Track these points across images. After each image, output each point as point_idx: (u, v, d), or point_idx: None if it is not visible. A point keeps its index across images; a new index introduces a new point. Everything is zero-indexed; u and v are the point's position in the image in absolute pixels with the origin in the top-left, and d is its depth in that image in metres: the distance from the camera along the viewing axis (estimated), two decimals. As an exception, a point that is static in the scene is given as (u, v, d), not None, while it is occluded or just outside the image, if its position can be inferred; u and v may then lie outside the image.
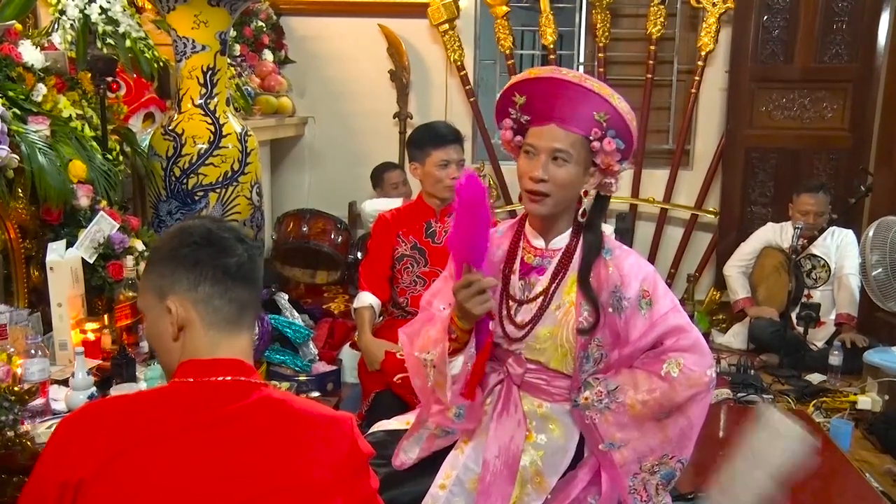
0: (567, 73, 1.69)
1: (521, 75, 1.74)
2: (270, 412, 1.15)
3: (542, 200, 1.71)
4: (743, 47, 4.37)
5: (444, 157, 2.73)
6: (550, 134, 1.68)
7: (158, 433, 1.08)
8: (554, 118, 1.68)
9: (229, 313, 1.18)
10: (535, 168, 1.68)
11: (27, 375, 1.91)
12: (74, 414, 1.16)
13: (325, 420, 1.19)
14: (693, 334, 1.74)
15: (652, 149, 4.70)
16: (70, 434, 1.09)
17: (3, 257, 2.26)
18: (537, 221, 1.79)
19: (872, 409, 3.11)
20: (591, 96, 1.66)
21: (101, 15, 2.85)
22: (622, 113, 1.68)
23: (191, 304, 1.17)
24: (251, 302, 1.21)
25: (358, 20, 4.64)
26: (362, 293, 2.86)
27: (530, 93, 1.70)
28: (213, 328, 1.17)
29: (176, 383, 1.17)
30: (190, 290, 1.17)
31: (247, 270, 1.19)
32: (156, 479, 1.06)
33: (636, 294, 1.72)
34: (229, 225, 1.26)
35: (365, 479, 1.22)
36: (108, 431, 1.08)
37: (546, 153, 1.68)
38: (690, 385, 1.69)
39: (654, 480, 1.72)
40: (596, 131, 1.68)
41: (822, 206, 3.92)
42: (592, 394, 1.72)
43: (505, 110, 1.76)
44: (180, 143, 2.81)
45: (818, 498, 2.33)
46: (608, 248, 1.77)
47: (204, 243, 1.18)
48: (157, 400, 1.16)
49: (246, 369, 1.18)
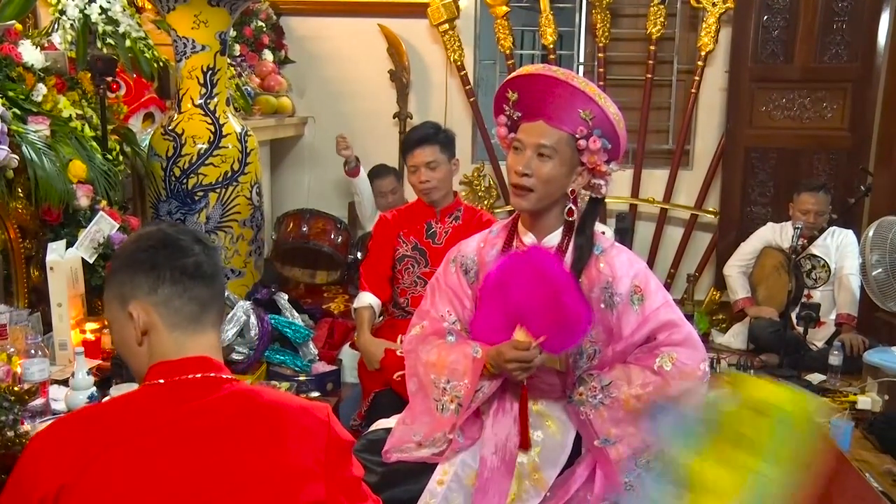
0: (556, 71, 1.72)
1: (516, 72, 1.78)
2: (241, 405, 1.17)
3: (526, 195, 1.74)
4: (743, 47, 4.37)
5: (412, 163, 2.74)
6: (537, 130, 1.73)
7: (131, 434, 1.10)
8: (542, 115, 1.72)
9: (190, 312, 1.19)
10: (519, 162, 1.73)
11: (27, 375, 1.91)
12: (45, 428, 1.17)
13: (297, 410, 1.20)
14: (685, 328, 1.76)
15: (652, 149, 4.70)
16: (43, 446, 1.10)
17: (3, 257, 2.26)
18: (527, 218, 1.82)
19: (872, 409, 3.11)
20: (578, 94, 1.69)
21: (101, 15, 2.85)
22: (608, 113, 1.70)
23: (152, 307, 1.18)
24: (212, 299, 1.22)
25: (358, 20, 4.63)
26: (362, 293, 2.86)
27: (522, 90, 1.74)
28: (177, 329, 1.19)
29: (146, 386, 1.19)
30: (150, 293, 1.18)
31: (205, 269, 1.21)
32: (132, 479, 1.07)
33: (628, 290, 1.75)
34: (186, 227, 1.28)
35: (346, 466, 1.23)
36: (81, 438, 1.10)
37: (531, 148, 1.72)
38: (684, 379, 1.71)
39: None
40: (582, 129, 1.71)
41: (822, 205, 3.91)
42: (587, 389, 1.75)
43: (500, 107, 1.80)
44: (180, 143, 2.81)
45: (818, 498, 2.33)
46: (599, 246, 1.79)
47: (160, 246, 1.20)
48: (129, 403, 1.17)
49: (214, 366, 1.20)
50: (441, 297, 1.87)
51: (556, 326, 1.63)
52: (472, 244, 1.90)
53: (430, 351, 1.81)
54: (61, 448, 1.09)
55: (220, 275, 1.25)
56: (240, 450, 1.13)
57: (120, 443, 1.09)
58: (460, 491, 1.74)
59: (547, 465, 1.75)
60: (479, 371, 1.71)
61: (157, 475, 1.08)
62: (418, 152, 2.71)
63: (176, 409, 1.14)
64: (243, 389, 1.19)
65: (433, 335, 1.84)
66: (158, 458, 1.09)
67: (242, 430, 1.14)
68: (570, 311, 1.61)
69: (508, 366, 1.66)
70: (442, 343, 1.81)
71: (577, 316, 1.62)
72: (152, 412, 1.13)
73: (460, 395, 1.73)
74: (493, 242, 1.86)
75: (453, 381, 1.74)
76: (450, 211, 2.83)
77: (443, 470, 1.76)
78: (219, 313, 1.25)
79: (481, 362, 1.71)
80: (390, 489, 1.73)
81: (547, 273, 1.64)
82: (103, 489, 1.06)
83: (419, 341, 1.85)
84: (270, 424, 1.16)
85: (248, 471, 1.12)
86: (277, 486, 1.13)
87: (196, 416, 1.14)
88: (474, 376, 1.71)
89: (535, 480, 1.74)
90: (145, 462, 1.08)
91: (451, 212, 2.82)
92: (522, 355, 1.64)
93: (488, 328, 1.73)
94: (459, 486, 1.74)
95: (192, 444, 1.11)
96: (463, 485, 1.74)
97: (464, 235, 2.37)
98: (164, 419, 1.12)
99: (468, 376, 1.72)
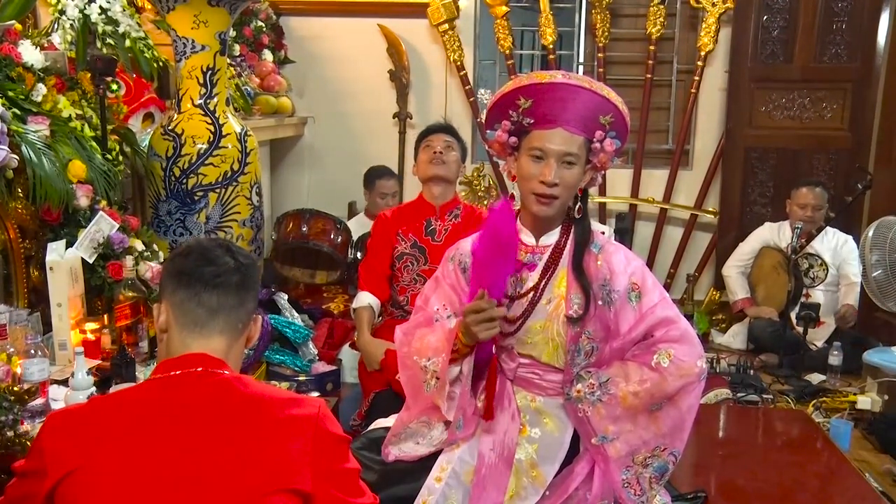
0: (579, 79, 1.72)
1: (527, 79, 1.74)
2: (223, 395, 1.23)
3: (552, 203, 1.75)
4: (743, 47, 4.38)
5: (429, 142, 2.85)
6: (560, 138, 1.71)
7: (126, 426, 1.18)
8: (560, 122, 1.71)
9: (197, 316, 1.28)
10: (547, 172, 1.71)
11: (27, 375, 1.91)
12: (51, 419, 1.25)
13: (281, 401, 1.25)
14: (682, 325, 1.77)
15: (651, 149, 4.70)
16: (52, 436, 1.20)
17: (3, 257, 2.26)
18: (532, 220, 1.82)
19: (872, 409, 3.11)
20: (600, 101, 1.71)
21: (100, 15, 2.85)
22: (624, 115, 1.74)
23: (169, 307, 1.30)
24: (223, 308, 1.29)
25: (358, 20, 4.63)
26: (361, 293, 2.87)
27: (538, 97, 1.71)
28: (185, 329, 1.28)
29: (146, 381, 1.29)
30: (171, 294, 1.30)
31: (223, 280, 1.29)
32: (122, 470, 1.15)
33: (625, 287, 1.76)
34: (225, 241, 1.38)
35: (338, 460, 1.26)
36: (83, 429, 1.19)
37: (556, 157, 1.71)
38: (681, 375, 1.72)
39: (647, 473, 1.74)
40: (600, 133, 1.73)
41: (820, 199, 3.92)
42: (584, 386, 1.75)
43: (505, 112, 1.76)
44: (180, 143, 2.81)
45: (818, 498, 2.33)
46: (597, 243, 1.81)
47: (191, 253, 1.31)
48: (127, 397, 1.28)
49: (211, 362, 1.26)
50: (439, 293, 1.88)
51: (491, 268, 1.65)
52: (470, 243, 1.90)
53: (416, 339, 1.82)
54: (67, 437, 1.18)
55: (244, 288, 1.32)
56: (221, 439, 1.18)
57: (115, 434, 1.17)
58: (458, 487, 1.75)
59: (545, 462, 1.76)
60: (452, 340, 1.70)
61: (143, 466, 1.15)
62: (438, 135, 2.86)
63: (166, 401, 1.21)
64: (227, 380, 1.25)
65: (421, 325, 1.86)
66: (146, 449, 1.16)
67: (224, 420, 1.20)
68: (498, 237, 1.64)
69: (471, 324, 1.65)
70: (427, 329, 1.83)
71: (508, 240, 1.64)
72: (145, 405, 1.21)
73: (437, 368, 1.73)
74: None
75: (434, 357, 1.75)
76: (450, 208, 2.87)
77: (441, 466, 1.77)
78: (229, 323, 1.30)
79: (454, 332, 1.71)
80: (389, 487, 1.74)
81: (488, 224, 1.67)
82: (97, 479, 1.14)
83: (409, 332, 1.86)
84: (252, 414, 1.22)
85: (230, 459, 1.17)
86: (255, 474, 1.17)
87: (182, 407, 1.20)
88: (448, 345, 1.71)
89: (533, 477, 1.74)
90: (134, 453, 1.16)
91: (451, 209, 2.87)
92: (475, 305, 1.64)
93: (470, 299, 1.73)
94: (457, 482, 1.75)
95: (178, 434, 1.18)
96: (461, 481, 1.75)
97: (463, 233, 2.38)
98: (155, 411, 1.20)
99: (445, 350, 1.72)
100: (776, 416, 3.11)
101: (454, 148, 2.85)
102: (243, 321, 1.32)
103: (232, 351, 1.31)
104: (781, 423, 3.01)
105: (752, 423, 3.01)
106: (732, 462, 2.53)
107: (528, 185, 1.75)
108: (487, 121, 1.82)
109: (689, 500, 2.16)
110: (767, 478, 2.38)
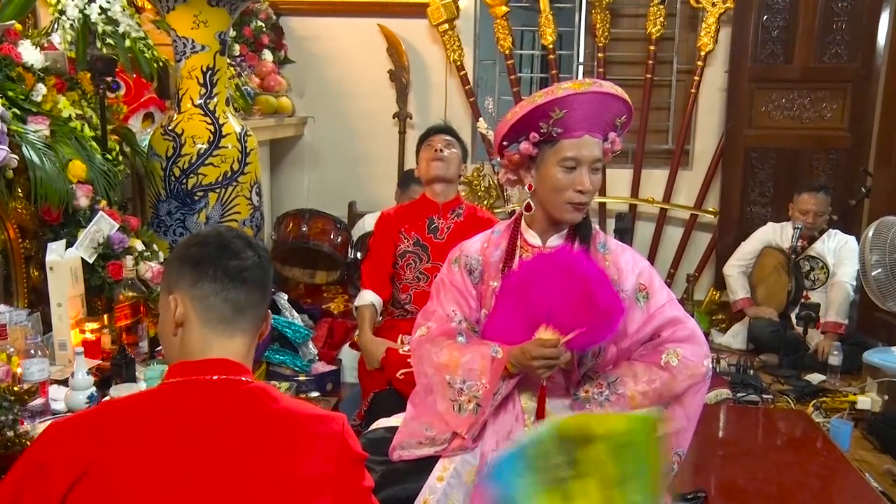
0: (611, 88, 1.73)
1: (562, 90, 1.68)
2: (254, 408, 1.17)
3: (584, 208, 1.77)
4: (742, 47, 4.37)
5: (430, 142, 2.87)
6: (589, 145, 1.73)
7: (144, 432, 1.10)
8: (584, 129, 1.72)
9: (223, 312, 1.21)
10: (585, 181, 1.72)
11: (27, 375, 1.91)
12: (60, 421, 1.17)
13: (310, 418, 1.20)
14: (689, 325, 1.78)
15: (651, 149, 4.70)
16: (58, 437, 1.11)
17: (3, 257, 2.26)
18: (542, 224, 1.83)
19: (872, 409, 3.11)
20: (622, 105, 1.73)
21: (100, 15, 2.85)
22: (633, 114, 1.78)
23: (189, 300, 1.20)
24: (249, 306, 1.23)
25: (357, 20, 4.63)
26: (364, 291, 2.87)
27: (571, 106, 1.69)
28: (207, 326, 1.20)
29: (163, 384, 1.20)
30: (191, 286, 1.20)
31: (248, 275, 1.22)
32: (140, 477, 1.07)
33: (633, 287, 1.77)
34: (243, 233, 1.30)
35: (357, 478, 1.22)
36: (94, 433, 1.10)
37: (588, 164, 1.73)
38: (690, 374, 1.73)
39: None
40: (612, 134, 1.76)
41: (822, 205, 3.92)
42: (592, 387, 1.76)
43: (534, 124, 1.72)
44: (180, 143, 2.81)
45: (818, 498, 2.34)
46: (604, 244, 1.82)
47: (211, 244, 1.23)
48: (144, 401, 1.19)
49: (234, 368, 1.20)
50: (446, 295, 1.87)
51: (586, 323, 1.64)
52: (476, 245, 1.90)
53: (439, 352, 1.80)
54: (75, 441, 1.09)
55: (263, 284, 1.26)
56: (247, 454, 1.12)
57: (132, 440, 1.09)
58: (460, 488, 1.74)
59: None
60: (500, 371, 1.71)
61: (165, 474, 1.08)
62: (440, 136, 2.88)
63: (189, 408, 1.14)
64: (259, 393, 1.19)
65: (441, 336, 1.84)
66: (168, 458, 1.09)
67: (254, 438, 1.14)
68: (602, 305, 1.63)
69: (534, 363, 1.65)
70: (452, 343, 1.81)
71: (609, 309, 1.63)
72: (166, 411, 1.14)
73: (479, 395, 1.72)
74: (496, 243, 1.87)
75: (469, 381, 1.73)
76: (452, 206, 2.89)
77: (443, 466, 1.76)
78: (253, 322, 1.25)
79: (502, 362, 1.71)
80: (390, 487, 1.73)
81: (576, 271, 1.65)
82: (113, 485, 1.06)
83: (426, 341, 1.85)
84: (281, 431, 1.16)
85: (255, 476, 1.11)
86: (282, 493, 1.12)
87: (208, 417, 1.14)
88: (494, 376, 1.71)
89: (535, 478, 1.74)
90: (154, 461, 1.08)
91: (454, 207, 2.89)
92: (549, 352, 1.65)
93: (507, 329, 1.73)
94: (459, 482, 1.75)
95: (202, 444, 1.11)
96: (462, 481, 1.75)
97: (465, 232, 2.38)
98: (176, 418, 1.12)
99: (486, 376, 1.71)
100: (776, 416, 3.11)
101: (455, 147, 2.87)
102: (262, 318, 1.28)
103: (249, 351, 1.27)
104: (781, 423, 3.01)
105: (752, 423, 3.01)
106: (732, 462, 2.53)
107: (563, 196, 1.74)
108: (510, 134, 1.75)
109: (689, 500, 2.16)
110: (767, 478, 2.38)
